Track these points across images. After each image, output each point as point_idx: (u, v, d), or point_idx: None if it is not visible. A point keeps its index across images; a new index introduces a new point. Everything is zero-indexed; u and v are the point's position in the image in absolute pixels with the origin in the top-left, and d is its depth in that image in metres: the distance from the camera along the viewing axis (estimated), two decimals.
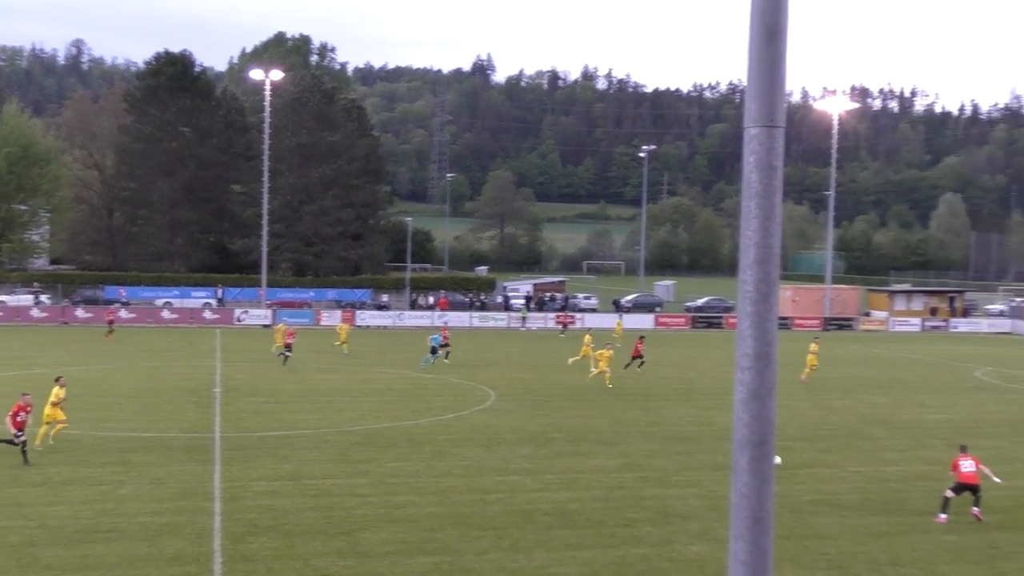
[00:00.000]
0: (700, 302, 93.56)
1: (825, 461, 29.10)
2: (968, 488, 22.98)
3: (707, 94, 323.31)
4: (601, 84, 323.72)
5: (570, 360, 50.72)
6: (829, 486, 25.97)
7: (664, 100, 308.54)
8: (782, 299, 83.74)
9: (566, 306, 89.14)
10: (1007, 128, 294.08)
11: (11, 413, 26.60)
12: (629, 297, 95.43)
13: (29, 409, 26.84)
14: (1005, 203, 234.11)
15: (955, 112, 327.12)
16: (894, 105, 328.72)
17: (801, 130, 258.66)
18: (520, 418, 35.59)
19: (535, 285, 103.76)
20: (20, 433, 26.32)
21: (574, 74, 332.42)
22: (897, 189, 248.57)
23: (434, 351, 50.31)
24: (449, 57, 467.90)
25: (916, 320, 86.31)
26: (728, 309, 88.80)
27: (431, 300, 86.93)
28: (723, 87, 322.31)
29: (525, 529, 21.40)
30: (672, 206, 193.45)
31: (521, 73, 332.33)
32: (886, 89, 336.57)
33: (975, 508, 23.10)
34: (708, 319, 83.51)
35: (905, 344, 70.29)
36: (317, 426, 33.07)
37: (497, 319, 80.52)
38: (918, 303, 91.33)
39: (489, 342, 65.89)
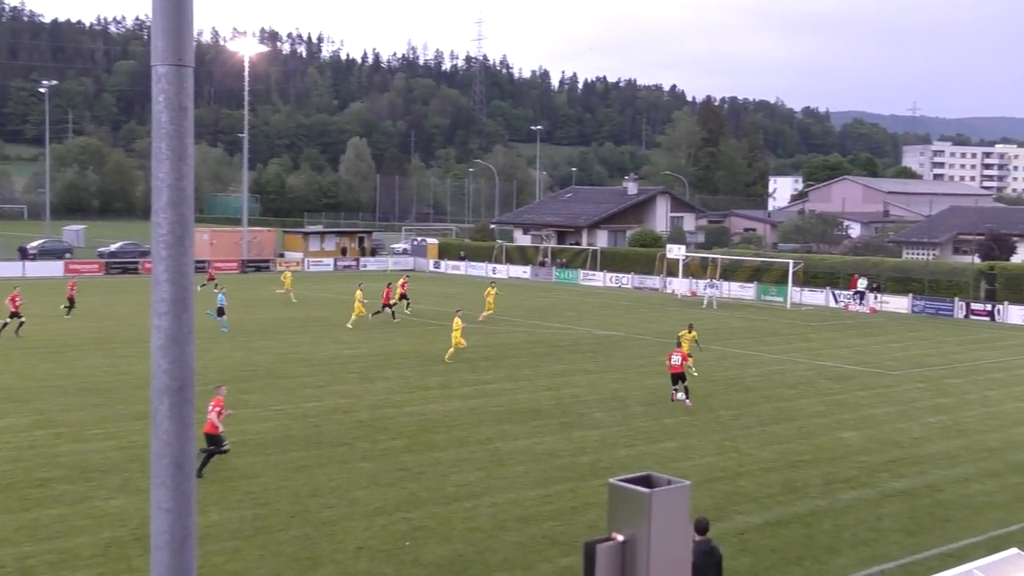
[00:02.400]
0: (114, 247, 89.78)
1: (248, 402, 29.51)
2: (676, 377, 29.92)
3: (113, 28, 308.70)
4: None
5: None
6: (252, 426, 26.40)
7: (65, 32, 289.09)
8: (199, 242, 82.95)
9: None
10: (405, 77, 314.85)
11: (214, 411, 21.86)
12: (35, 243, 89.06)
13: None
14: (405, 148, 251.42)
15: (359, 59, 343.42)
16: (303, 50, 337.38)
17: (213, 71, 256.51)
18: None
19: None
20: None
21: None
22: (308, 133, 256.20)
23: (221, 312, 45.51)
24: None
25: (329, 260, 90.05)
26: (144, 254, 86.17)
27: None
28: (130, 22, 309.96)
29: None
30: (79, 146, 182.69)
31: None
32: (295, 33, 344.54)
33: (686, 398, 29.99)
34: (123, 264, 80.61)
35: (321, 284, 73.07)
36: None
37: None
38: (331, 244, 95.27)
39: None
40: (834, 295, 64.67)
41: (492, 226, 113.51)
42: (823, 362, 40.16)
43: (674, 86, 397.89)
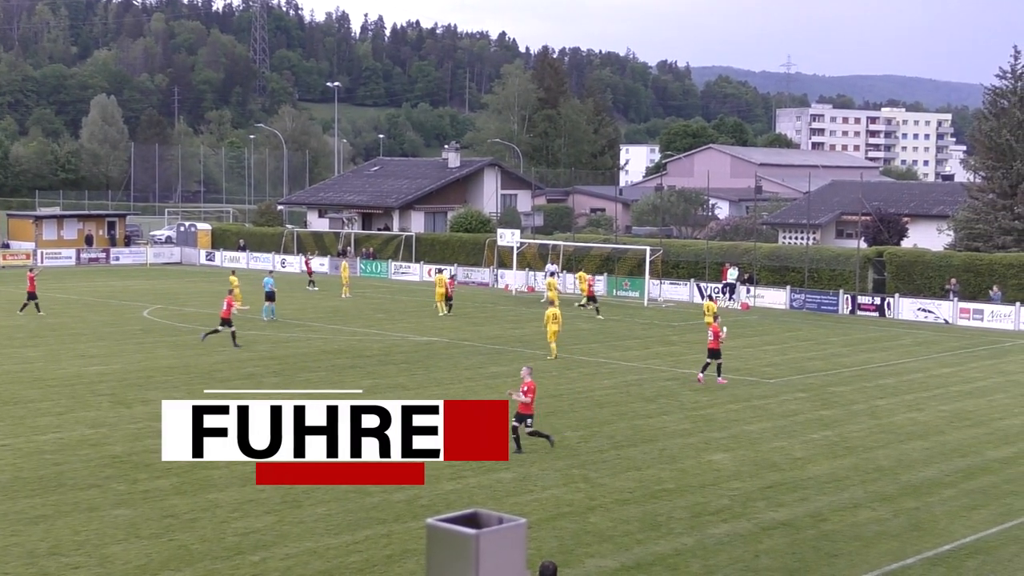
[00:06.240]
0: None
1: None
2: (712, 353, 37.31)
3: None
4: None
5: None
6: None
7: None
8: None
9: None
10: (165, 18, 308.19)
11: None
12: None
13: None
14: (167, 109, 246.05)
15: None
16: None
17: None
18: None
19: None
20: None
21: None
22: (38, 88, 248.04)
23: (270, 296, 51.38)
24: None
25: (70, 252, 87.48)
26: None
27: None
28: None
29: None
30: None
31: None
32: None
33: (717, 375, 37.45)
34: None
35: (59, 282, 70.84)
36: None
37: None
38: (71, 231, 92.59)
39: None
40: (699, 288, 66.46)
41: (280, 207, 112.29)
42: (688, 370, 41.17)
43: (503, 34, 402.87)
